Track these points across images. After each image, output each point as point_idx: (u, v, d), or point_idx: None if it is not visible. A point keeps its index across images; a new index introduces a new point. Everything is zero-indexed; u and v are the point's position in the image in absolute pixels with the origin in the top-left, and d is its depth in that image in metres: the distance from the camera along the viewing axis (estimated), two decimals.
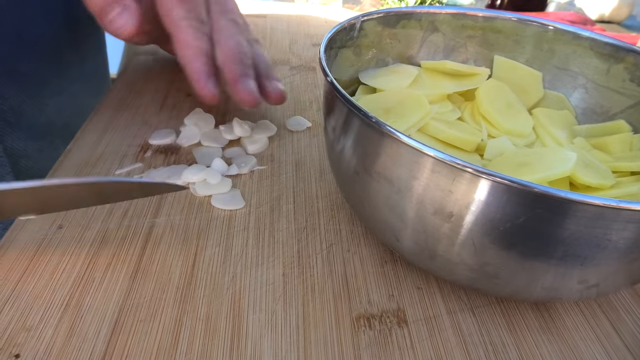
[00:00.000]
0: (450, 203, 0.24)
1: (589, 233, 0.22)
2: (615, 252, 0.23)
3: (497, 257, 0.24)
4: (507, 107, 0.38)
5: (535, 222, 0.22)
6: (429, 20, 0.42)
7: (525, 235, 0.23)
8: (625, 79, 0.38)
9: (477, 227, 0.24)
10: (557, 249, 0.23)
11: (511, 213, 0.22)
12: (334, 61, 0.36)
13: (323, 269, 0.31)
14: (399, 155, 0.25)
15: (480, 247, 0.24)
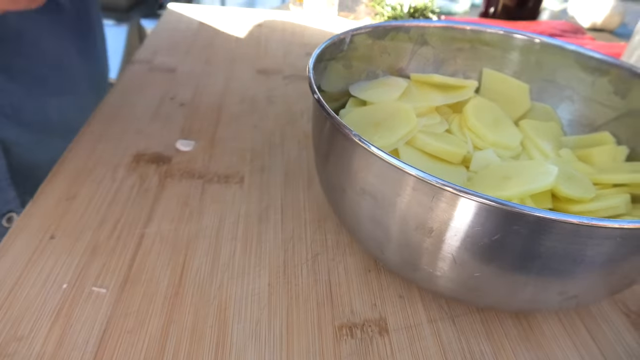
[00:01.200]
0: (431, 219, 0.24)
1: (565, 249, 0.23)
2: (593, 266, 0.23)
3: (476, 271, 0.25)
4: (494, 121, 0.39)
5: (512, 238, 0.23)
6: (418, 33, 0.42)
7: (503, 250, 0.24)
8: (610, 91, 0.39)
9: (457, 243, 0.24)
10: (534, 263, 0.24)
11: (489, 230, 0.23)
12: (324, 74, 0.36)
13: (308, 278, 0.31)
14: (382, 173, 0.25)
15: (460, 261, 0.25)
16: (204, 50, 0.61)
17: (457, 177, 0.34)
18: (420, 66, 0.44)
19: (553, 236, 0.22)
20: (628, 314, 0.32)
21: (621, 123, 0.38)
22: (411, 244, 0.26)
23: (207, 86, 0.53)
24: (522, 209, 0.22)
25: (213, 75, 0.55)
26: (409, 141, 0.35)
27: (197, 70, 0.56)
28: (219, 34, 0.66)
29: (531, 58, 0.42)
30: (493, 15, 0.89)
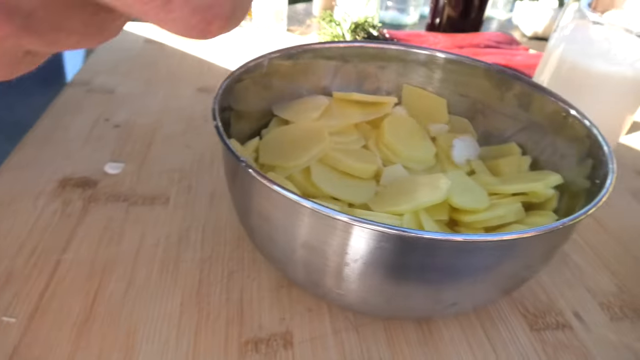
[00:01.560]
0: (328, 245, 0.26)
1: (447, 262, 0.25)
2: (462, 276, 0.25)
3: (375, 287, 0.27)
4: (409, 135, 0.41)
5: (400, 257, 0.25)
6: (338, 53, 0.44)
7: (396, 268, 0.25)
8: (515, 105, 0.41)
9: (353, 264, 0.26)
10: (425, 277, 0.26)
11: (380, 250, 0.24)
12: (246, 94, 0.38)
13: (220, 296, 0.33)
14: (273, 199, 0.27)
15: (358, 279, 0.26)
16: (145, 69, 0.62)
17: (365, 192, 0.35)
18: (344, 84, 0.46)
19: (438, 252, 0.24)
20: (525, 314, 0.34)
21: (525, 134, 0.41)
22: (310, 266, 0.28)
23: (144, 106, 0.54)
24: (401, 231, 0.23)
25: (152, 95, 0.56)
26: (322, 159, 0.37)
27: (137, 90, 0.57)
28: (164, 52, 0.67)
29: (447, 74, 0.44)
30: (438, 27, 0.92)
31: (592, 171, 0.32)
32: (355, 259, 0.24)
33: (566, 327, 0.33)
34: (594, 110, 0.46)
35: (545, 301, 0.35)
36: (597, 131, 0.33)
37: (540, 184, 0.33)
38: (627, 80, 0.43)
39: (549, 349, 0.32)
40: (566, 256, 0.40)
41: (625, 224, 0.44)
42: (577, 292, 0.36)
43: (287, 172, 0.35)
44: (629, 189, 0.49)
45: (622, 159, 0.54)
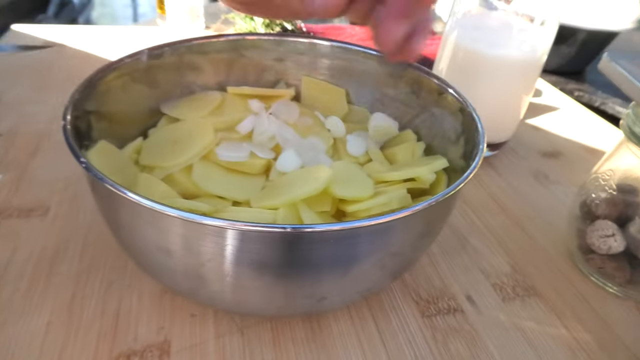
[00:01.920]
0: (179, 247, 0.24)
1: (300, 256, 0.24)
2: (323, 269, 0.24)
3: (251, 287, 0.25)
4: (307, 127, 0.40)
5: (248, 254, 0.23)
6: (229, 46, 0.43)
7: (265, 267, 0.24)
8: (408, 91, 0.41)
9: (209, 264, 0.24)
10: (283, 272, 0.24)
11: (226, 247, 0.23)
12: (123, 94, 0.36)
13: (95, 309, 0.30)
14: (122, 205, 0.25)
15: (217, 281, 0.25)
16: (40, 74, 0.58)
17: (251, 188, 0.34)
18: (241, 78, 0.44)
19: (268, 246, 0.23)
20: (418, 301, 0.34)
21: (419, 120, 0.41)
22: (168, 269, 0.26)
23: (34, 113, 0.50)
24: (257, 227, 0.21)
25: (43, 101, 0.52)
26: (207, 156, 0.35)
27: (26, 96, 0.53)
28: (62, 55, 0.63)
29: (345, 64, 0.43)
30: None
31: (468, 152, 0.32)
32: (209, 258, 0.23)
33: (458, 311, 0.33)
34: (491, 94, 0.46)
35: (439, 286, 0.35)
36: (473, 111, 0.33)
37: (424, 169, 0.33)
38: (517, 62, 0.44)
39: (439, 335, 0.31)
40: (464, 240, 0.40)
41: (525, 205, 0.45)
42: (471, 275, 0.36)
43: (167, 171, 0.33)
44: (531, 170, 0.50)
45: (526, 141, 0.55)
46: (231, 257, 0.23)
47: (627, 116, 0.33)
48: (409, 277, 0.35)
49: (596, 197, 0.35)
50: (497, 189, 0.46)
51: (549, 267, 0.38)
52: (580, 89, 0.81)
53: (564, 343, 0.32)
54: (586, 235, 0.35)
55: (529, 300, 0.34)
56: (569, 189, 0.47)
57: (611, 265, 0.34)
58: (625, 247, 0.33)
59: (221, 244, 0.22)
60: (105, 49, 0.66)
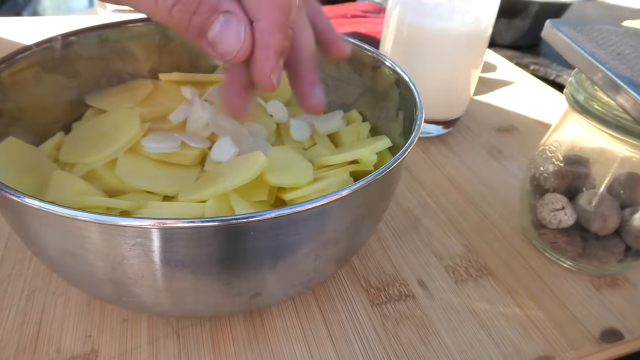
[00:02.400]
0: (81, 248, 0.22)
1: (220, 251, 0.21)
2: (248, 263, 0.22)
3: (172, 289, 0.23)
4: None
5: (179, 254, 0.21)
6: (160, 29, 0.40)
7: (182, 266, 0.22)
8: (350, 71, 0.39)
9: (118, 266, 0.22)
10: (206, 270, 0.22)
11: (135, 247, 0.21)
12: (36, 87, 0.33)
13: (14, 321, 0.28)
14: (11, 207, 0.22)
15: (129, 282, 0.23)
16: None
17: (183, 180, 0.32)
18: (174, 64, 0.41)
19: (178, 243, 0.21)
20: (368, 289, 0.32)
21: (364, 100, 0.39)
22: (82, 274, 0.23)
23: None
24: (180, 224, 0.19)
25: None
26: (134, 149, 0.33)
27: None
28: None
29: None
30: None
31: (407, 128, 0.30)
32: (118, 260, 0.21)
33: (409, 297, 0.32)
34: (439, 69, 0.45)
35: (390, 272, 0.34)
36: (410, 82, 0.31)
37: (365, 150, 0.31)
38: (461, 35, 0.42)
39: (389, 323, 0.30)
40: (417, 221, 0.38)
41: (478, 182, 0.43)
42: (424, 258, 0.35)
43: (88, 167, 0.31)
44: (485, 146, 0.49)
45: (480, 117, 0.54)
46: (139, 258, 0.20)
47: (569, 84, 0.32)
48: (359, 262, 0.34)
49: (544, 170, 0.34)
50: (450, 168, 0.45)
51: (502, 245, 0.37)
52: (535, 63, 0.81)
53: (516, 322, 0.31)
54: (537, 210, 0.34)
55: (482, 280, 0.33)
56: (523, 163, 0.47)
57: (563, 240, 0.33)
58: (575, 220, 0.33)
59: (127, 243, 0.20)
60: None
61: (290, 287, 0.26)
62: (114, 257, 0.21)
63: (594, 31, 0.35)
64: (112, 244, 0.20)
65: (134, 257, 0.20)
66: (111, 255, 0.21)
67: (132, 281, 0.22)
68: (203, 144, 0.33)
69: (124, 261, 0.21)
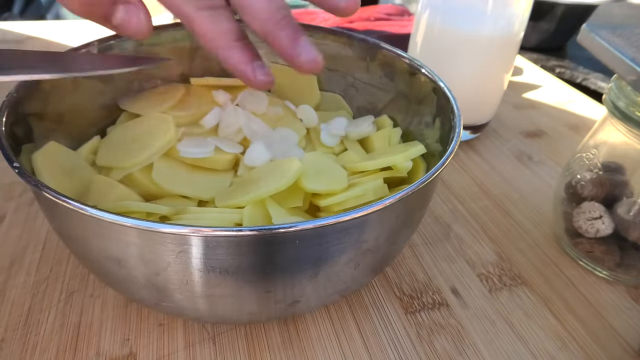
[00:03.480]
0: (126, 254, 0.22)
1: (265, 259, 0.21)
2: (289, 271, 0.22)
3: (215, 296, 0.23)
4: (277, 119, 0.38)
5: (225, 262, 0.21)
6: (190, 34, 0.40)
7: (227, 273, 0.22)
8: (381, 75, 0.39)
9: (163, 273, 0.22)
10: (260, 277, 0.22)
11: (200, 257, 0.21)
12: (73, 91, 0.33)
13: (54, 323, 0.28)
14: (62, 212, 0.22)
15: (176, 289, 0.23)
16: None
17: (217, 185, 0.32)
18: (205, 68, 0.42)
19: (226, 251, 0.21)
20: (401, 297, 0.32)
21: (395, 105, 0.39)
22: (123, 279, 0.24)
23: None
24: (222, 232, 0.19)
25: None
26: (169, 154, 0.33)
27: None
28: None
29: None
30: None
31: (445, 135, 0.30)
32: (163, 267, 0.21)
33: (443, 305, 0.32)
34: (469, 74, 0.44)
35: (423, 280, 0.33)
36: (447, 91, 0.31)
37: (400, 157, 0.31)
38: (493, 39, 0.42)
39: (424, 332, 0.30)
40: (448, 228, 0.38)
41: (509, 188, 0.43)
42: (456, 266, 0.35)
43: (125, 172, 0.31)
44: (514, 151, 0.48)
45: (508, 121, 0.53)
46: (184, 265, 0.20)
47: (609, 90, 0.32)
48: (391, 270, 0.34)
49: (581, 177, 0.34)
50: (480, 173, 0.45)
51: (535, 253, 0.36)
52: (561, 66, 0.80)
53: (553, 333, 0.30)
54: (573, 218, 0.33)
55: (516, 289, 0.33)
56: (553, 169, 0.46)
57: (600, 249, 0.32)
58: (613, 229, 0.32)
59: (174, 250, 0.20)
60: (66, 44, 0.63)
61: (328, 295, 0.26)
62: (159, 263, 0.21)
63: (633, 35, 0.34)
64: (158, 251, 0.20)
65: (180, 264, 0.21)
66: (157, 262, 0.21)
67: (175, 287, 0.22)
68: (236, 149, 0.34)
69: (168, 268, 0.21)
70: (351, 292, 0.31)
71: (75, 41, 0.63)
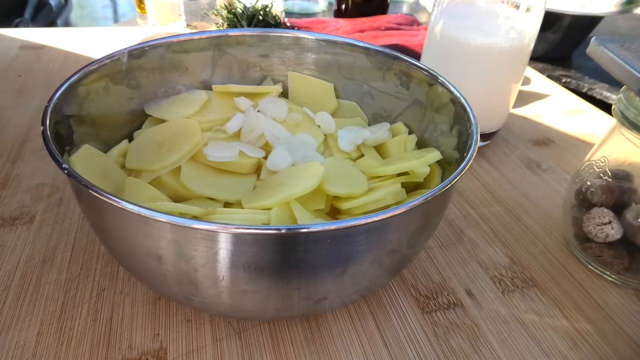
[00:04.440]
0: (167, 251, 0.23)
1: (299, 257, 0.23)
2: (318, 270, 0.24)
3: (247, 291, 0.24)
4: (294, 125, 0.39)
5: (261, 259, 0.22)
6: (213, 43, 0.42)
7: (261, 270, 0.23)
8: (397, 84, 0.40)
9: (202, 269, 0.23)
10: (280, 275, 0.24)
11: (220, 251, 0.22)
12: (104, 97, 0.35)
13: (87, 318, 0.30)
14: (107, 210, 0.24)
15: (211, 285, 0.24)
16: (18, 78, 0.56)
17: (242, 188, 0.33)
18: (226, 76, 0.43)
19: (263, 248, 0.22)
20: (417, 297, 0.33)
21: (411, 113, 0.40)
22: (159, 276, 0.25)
23: (13, 118, 0.49)
24: (250, 230, 0.21)
25: (23, 106, 0.51)
26: (195, 157, 0.34)
27: (5, 101, 0.51)
28: (42, 58, 0.62)
29: (331, 58, 0.43)
30: (345, 12, 0.91)
31: (462, 143, 0.31)
32: (202, 263, 0.22)
33: (457, 306, 0.33)
34: (480, 84, 0.46)
35: (438, 281, 0.34)
36: (465, 102, 0.32)
37: (417, 162, 0.32)
38: (504, 50, 0.43)
39: (440, 330, 0.31)
40: (461, 232, 0.39)
41: (519, 194, 0.44)
42: (470, 268, 0.36)
43: (155, 174, 0.32)
44: (523, 159, 0.50)
45: (517, 130, 0.55)
46: (225, 261, 0.22)
47: (618, 101, 0.33)
48: (407, 272, 0.35)
49: (591, 184, 0.35)
50: (490, 179, 0.46)
51: (546, 257, 0.37)
52: (567, 75, 0.81)
53: (565, 334, 0.31)
54: (582, 224, 0.35)
55: (528, 291, 0.34)
56: (561, 176, 0.47)
57: (609, 253, 0.34)
58: (622, 235, 0.33)
59: (214, 248, 0.21)
60: (85, 51, 0.64)
61: (352, 292, 0.27)
62: (199, 260, 0.22)
63: None
64: (199, 248, 0.22)
65: (218, 260, 0.22)
66: (197, 258, 0.22)
67: (211, 283, 0.23)
68: (259, 154, 0.35)
69: (207, 264, 0.22)
70: (371, 292, 0.32)
71: (92, 49, 0.65)
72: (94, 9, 2.40)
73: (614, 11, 0.78)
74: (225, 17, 0.72)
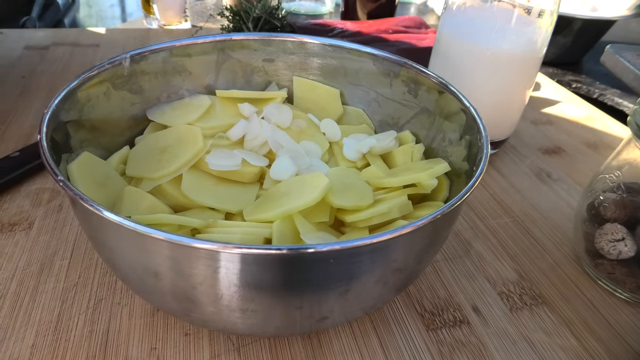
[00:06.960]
0: (161, 267, 0.22)
1: (300, 276, 0.22)
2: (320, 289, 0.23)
3: (246, 310, 0.23)
4: (299, 132, 0.38)
5: (262, 278, 0.22)
6: (217, 47, 0.41)
7: (262, 289, 0.22)
8: (404, 91, 0.39)
9: (200, 287, 0.22)
10: (278, 293, 0.23)
11: (238, 273, 0.21)
12: (105, 102, 0.34)
13: (83, 329, 0.29)
14: (100, 223, 0.23)
15: (208, 302, 0.23)
16: (22, 79, 0.56)
17: (245, 198, 0.32)
18: (230, 80, 0.42)
19: (264, 268, 0.21)
20: (423, 313, 0.32)
21: (418, 121, 0.39)
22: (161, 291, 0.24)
23: (16, 121, 0.48)
24: (254, 250, 0.20)
25: (27, 107, 0.50)
26: (197, 165, 0.33)
27: (8, 103, 0.51)
28: (45, 59, 0.61)
29: (337, 63, 0.42)
30: (352, 14, 0.90)
31: (472, 155, 0.30)
32: (200, 281, 0.21)
33: (464, 323, 0.32)
34: (490, 90, 0.45)
35: (444, 296, 0.34)
36: (475, 112, 0.31)
37: (424, 174, 0.31)
38: (514, 57, 0.42)
39: (445, 349, 0.30)
40: (468, 245, 0.38)
41: (528, 205, 0.43)
42: (477, 283, 0.35)
43: (155, 183, 0.32)
44: (533, 168, 0.49)
45: (526, 138, 0.54)
46: (224, 280, 0.21)
47: (634, 112, 0.32)
48: (412, 286, 0.34)
49: (604, 199, 0.34)
50: (499, 189, 0.45)
51: (555, 272, 0.36)
52: (577, 80, 0.79)
53: (575, 355, 0.30)
54: (594, 239, 0.34)
55: (537, 309, 0.33)
56: (572, 187, 0.46)
57: (622, 271, 0.33)
58: (636, 252, 0.32)
59: (213, 266, 0.21)
60: (89, 52, 0.64)
61: (355, 311, 0.26)
62: (196, 277, 0.21)
63: None
64: (197, 266, 0.21)
65: (217, 278, 0.21)
66: (194, 276, 0.21)
67: (209, 300, 0.23)
68: (262, 162, 0.34)
69: (205, 282, 0.21)
70: (375, 309, 0.31)
71: (96, 49, 0.64)
72: (101, 8, 2.40)
73: (626, 15, 0.76)
74: (231, 18, 0.71)
